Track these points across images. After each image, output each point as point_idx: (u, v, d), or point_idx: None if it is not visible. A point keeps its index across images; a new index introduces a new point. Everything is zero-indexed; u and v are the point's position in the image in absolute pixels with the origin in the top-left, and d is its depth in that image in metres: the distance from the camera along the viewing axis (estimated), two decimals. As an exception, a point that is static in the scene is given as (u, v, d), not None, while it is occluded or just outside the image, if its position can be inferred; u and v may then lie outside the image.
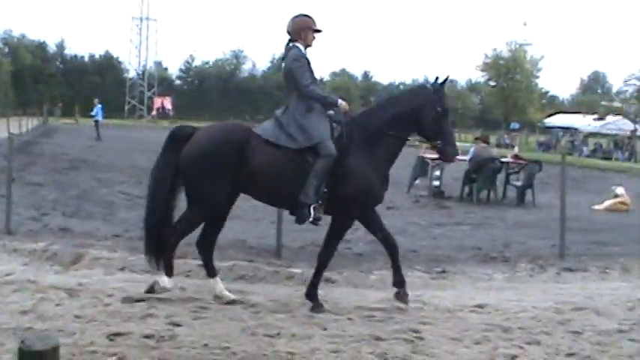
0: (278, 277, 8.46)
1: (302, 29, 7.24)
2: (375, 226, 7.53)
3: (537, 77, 64.45)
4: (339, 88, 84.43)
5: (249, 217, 12.60)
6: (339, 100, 7.23)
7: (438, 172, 17.79)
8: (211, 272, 7.37)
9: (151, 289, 7.11)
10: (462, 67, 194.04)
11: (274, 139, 6.97)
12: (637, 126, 47.19)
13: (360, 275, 8.79)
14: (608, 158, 43.86)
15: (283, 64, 7.38)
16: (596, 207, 16.47)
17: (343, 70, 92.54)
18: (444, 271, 9.01)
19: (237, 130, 7.28)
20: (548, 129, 61.83)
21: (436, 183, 17.71)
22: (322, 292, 7.72)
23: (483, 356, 5.79)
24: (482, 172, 16.75)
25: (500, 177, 17.63)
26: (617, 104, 52.53)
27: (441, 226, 12.82)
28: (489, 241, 11.22)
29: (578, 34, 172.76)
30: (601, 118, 50.12)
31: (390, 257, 7.51)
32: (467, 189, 17.26)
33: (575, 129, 55.70)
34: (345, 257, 9.57)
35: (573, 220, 13.49)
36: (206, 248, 7.40)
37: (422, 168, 18.52)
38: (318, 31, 7.35)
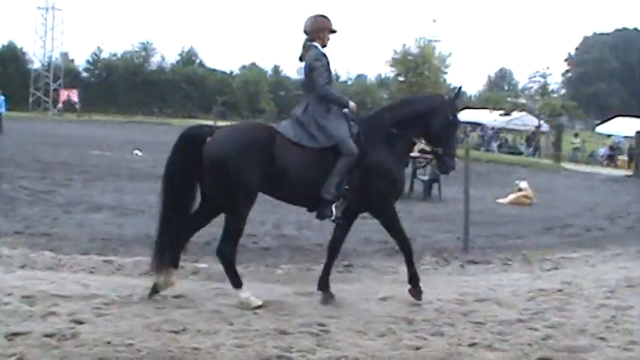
0: (184, 273, 8.37)
1: (321, 30, 7.41)
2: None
3: (445, 73, 65.63)
4: (249, 81, 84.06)
5: (155, 212, 12.39)
6: (350, 102, 7.40)
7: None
8: (174, 264, 7.26)
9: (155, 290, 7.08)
10: (372, 62, 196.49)
11: (298, 139, 7.09)
12: (541, 122, 48.60)
13: (267, 270, 8.81)
14: (517, 153, 45.07)
15: (303, 64, 7.41)
16: (501, 201, 16.98)
17: (253, 64, 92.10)
18: (349, 265, 9.12)
19: (262, 129, 7.31)
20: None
21: (345, 177, 17.83)
22: (228, 286, 7.71)
23: (387, 348, 5.90)
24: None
25: (408, 171, 17.86)
26: (522, 100, 53.93)
27: (350, 219, 12.91)
28: (396, 236, 11.39)
29: (486, 31, 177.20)
30: (507, 114, 51.38)
31: (404, 254, 7.69)
32: (375, 183, 17.41)
33: (482, 124, 57.06)
34: (251, 252, 9.58)
35: (478, 214, 13.87)
36: (180, 246, 7.32)
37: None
38: (334, 31, 7.49)
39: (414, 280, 7.56)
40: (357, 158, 7.11)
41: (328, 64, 7.35)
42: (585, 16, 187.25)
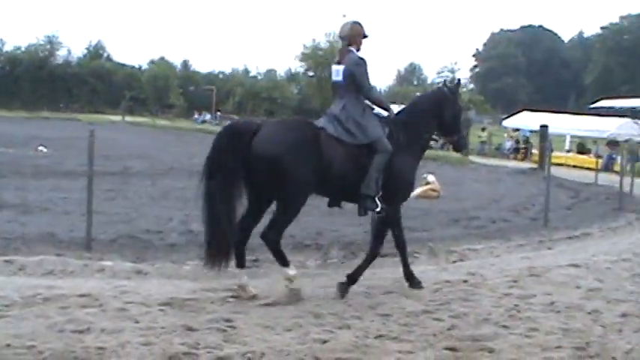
0: (88, 271, 8.25)
1: (357, 35, 7.93)
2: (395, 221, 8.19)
3: (355, 68, 66.30)
4: (158, 76, 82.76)
5: (59, 210, 12.24)
6: (390, 106, 8.09)
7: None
8: (241, 264, 7.58)
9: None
10: (282, 57, 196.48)
11: (338, 135, 7.50)
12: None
13: (173, 266, 8.74)
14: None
15: (342, 67, 7.75)
16: (408, 194, 17.25)
17: (162, 59, 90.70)
18: (257, 260, 9.12)
19: (308, 125, 7.64)
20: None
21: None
22: (133, 284, 7.63)
23: (295, 342, 5.95)
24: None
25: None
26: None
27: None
28: (303, 230, 11.38)
29: (396, 26, 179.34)
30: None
31: (400, 252, 8.29)
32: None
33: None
34: (158, 249, 9.49)
35: (386, 208, 14.08)
36: (243, 241, 7.61)
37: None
38: (367, 36, 8.01)
39: (409, 278, 8.17)
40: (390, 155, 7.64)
41: (367, 67, 7.77)
42: (492, 13, 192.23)
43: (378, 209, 7.67)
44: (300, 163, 7.13)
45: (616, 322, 7.12)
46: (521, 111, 54.21)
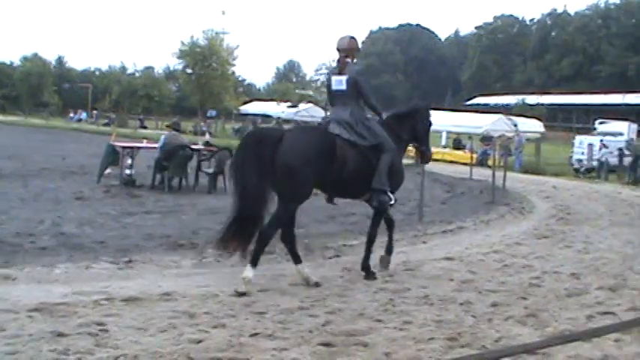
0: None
1: (354, 49, 9.01)
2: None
3: (233, 65, 66.15)
4: (31, 73, 79.93)
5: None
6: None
7: (129, 161, 17.62)
8: (297, 260, 8.41)
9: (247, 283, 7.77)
10: (160, 54, 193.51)
11: (352, 139, 8.35)
12: (328, 113, 50.25)
13: (43, 270, 8.42)
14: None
15: (345, 77, 8.65)
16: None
17: (35, 55, 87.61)
18: (130, 261, 8.95)
19: (325, 133, 8.40)
20: (244, 116, 63.84)
21: (128, 172, 17.50)
22: (1, 289, 7.34)
23: (169, 343, 5.89)
24: (173, 160, 16.83)
25: (192, 164, 17.87)
26: (310, 92, 55.34)
27: (132, 215, 12.70)
28: (179, 229, 11.34)
29: (275, 23, 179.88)
30: (294, 106, 52.61)
31: (388, 228, 9.41)
32: (159, 177, 17.25)
33: (269, 116, 58.11)
34: (27, 252, 9.15)
35: (263, 205, 14.08)
36: (291, 240, 8.44)
37: (113, 156, 18.17)
38: (359, 50, 9.30)
39: (389, 250, 9.39)
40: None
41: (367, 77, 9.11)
42: (371, 11, 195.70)
43: (392, 202, 8.71)
44: (315, 168, 7.98)
45: (487, 312, 7.41)
46: (398, 108, 55.32)
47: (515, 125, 44.38)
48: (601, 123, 55.28)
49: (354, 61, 8.96)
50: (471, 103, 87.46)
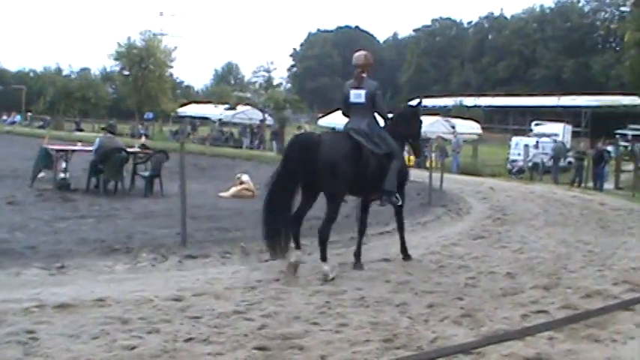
0: None
1: (369, 65, 10.12)
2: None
3: (171, 67, 65.59)
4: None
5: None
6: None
7: (63, 164, 17.32)
8: (298, 246, 9.22)
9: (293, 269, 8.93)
10: (96, 55, 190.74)
11: (371, 147, 9.46)
12: (266, 115, 50.04)
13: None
14: (240, 147, 46.02)
15: (363, 91, 9.81)
16: (222, 194, 17.29)
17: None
18: (63, 267, 8.78)
19: (352, 138, 9.42)
20: (182, 118, 63.27)
21: (62, 175, 17.21)
22: None
23: (101, 350, 5.80)
24: (108, 163, 16.60)
25: (128, 167, 17.65)
26: (248, 94, 55.08)
27: (65, 219, 12.47)
28: (113, 233, 11.17)
29: (213, 24, 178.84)
30: (232, 108, 52.32)
31: (400, 230, 10.78)
32: (94, 180, 16.99)
33: (207, 118, 57.73)
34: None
35: (199, 208, 14.03)
36: (298, 226, 9.24)
37: (46, 160, 17.84)
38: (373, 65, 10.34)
39: (404, 251, 10.59)
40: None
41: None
42: (309, 13, 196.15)
43: (400, 203, 10.16)
44: (349, 169, 9.07)
45: (423, 313, 7.47)
46: (337, 110, 55.48)
47: (453, 127, 44.94)
48: (537, 124, 56.47)
49: (369, 75, 10.07)
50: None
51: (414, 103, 11.06)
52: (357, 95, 9.84)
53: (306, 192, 9.22)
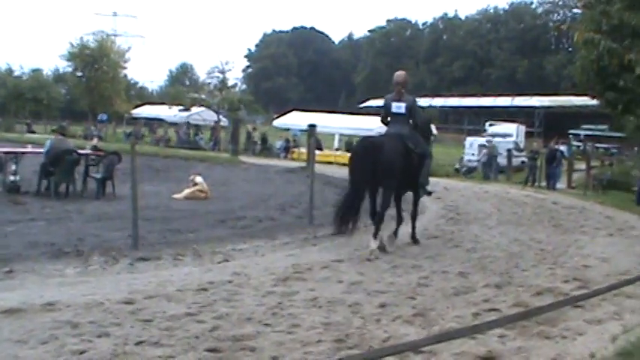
0: None
1: (406, 82, 12.31)
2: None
3: (125, 68, 64.98)
4: None
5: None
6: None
7: (13, 167, 17.08)
8: (376, 235, 11.32)
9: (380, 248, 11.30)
10: (48, 55, 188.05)
11: (411, 146, 11.65)
12: (220, 116, 49.80)
13: None
14: (196, 148, 45.70)
15: (404, 104, 11.86)
16: (176, 196, 17.20)
17: None
18: (11, 271, 8.67)
19: (404, 140, 11.61)
20: (136, 120, 62.66)
21: (12, 178, 16.96)
22: None
23: (49, 355, 5.72)
24: (60, 165, 16.41)
25: (80, 169, 17.47)
26: (202, 95, 54.65)
27: (15, 223, 12.30)
28: (64, 236, 11.05)
29: (167, 25, 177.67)
30: (187, 109, 51.90)
31: (413, 219, 12.83)
32: (45, 183, 16.78)
33: (162, 120, 57.25)
34: None
35: (152, 210, 13.96)
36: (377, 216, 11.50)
37: (-5, 162, 17.57)
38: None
39: (414, 236, 12.60)
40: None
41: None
42: (264, 14, 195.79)
43: (430, 195, 13.55)
44: (403, 166, 11.39)
45: (375, 312, 7.50)
46: (291, 111, 55.51)
47: (408, 127, 45.22)
48: (491, 125, 57.11)
49: (406, 90, 12.19)
50: (364, 105, 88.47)
51: (424, 104, 13.07)
52: (398, 107, 11.88)
53: (371, 187, 11.47)
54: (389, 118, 12.09)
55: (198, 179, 17.82)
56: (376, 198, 11.63)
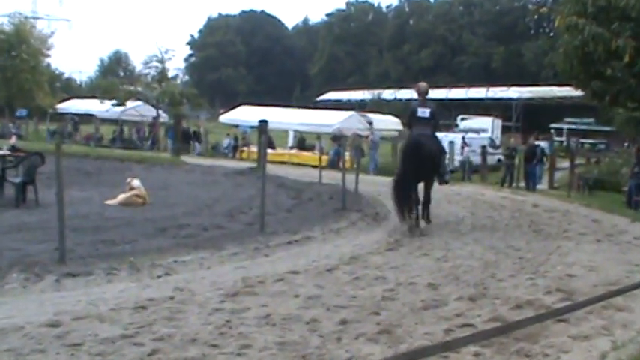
0: None
1: (428, 92, 16.17)
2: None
3: (48, 56, 64.07)
4: None
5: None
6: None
7: None
8: (418, 223, 15.59)
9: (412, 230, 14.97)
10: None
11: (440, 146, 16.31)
12: (160, 111, 49.27)
13: None
14: (133, 147, 45.28)
15: (428, 110, 15.75)
16: (110, 202, 17.02)
17: None
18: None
19: (435, 138, 16.14)
20: (62, 115, 61.90)
21: None
22: None
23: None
24: (-28, 169, 16.16)
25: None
26: (139, 88, 54.02)
27: None
28: (-23, 250, 10.87)
29: (99, 9, 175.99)
30: (120, 104, 51.32)
31: (427, 204, 16.20)
32: (-47, 189, 16.49)
33: (92, 115, 56.62)
34: None
35: (82, 219, 13.81)
36: (417, 203, 15.80)
37: None
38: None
39: (428, 216, 16.15)
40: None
41: None
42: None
43: (448, 183, 17.39)
44: (438, 160, 15.75)
45: (335, 330, 7.52)
46: (240, 105, 55.36)
47: (370, 123, 45.30)
48: (463, 119, 57.55)
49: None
50: (321, 98, 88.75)
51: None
52: (423, 112, 15.73)
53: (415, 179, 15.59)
54: (417, 122, 15.88)
55: (136, 183, 17.66)
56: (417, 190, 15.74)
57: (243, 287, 9.37)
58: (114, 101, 51.21)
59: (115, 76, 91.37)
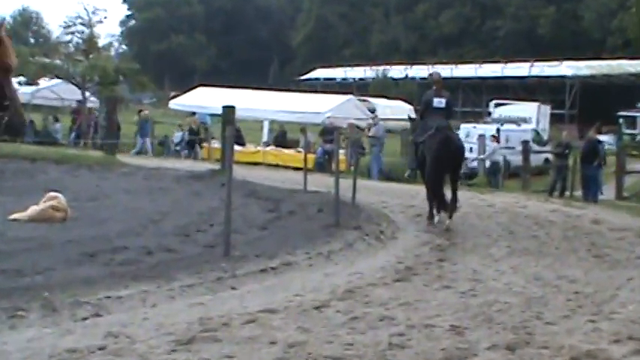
0: None
1: (441, 81, 21.30)
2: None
3: None
4: None
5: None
6: None
7: None
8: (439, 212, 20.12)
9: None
10: None
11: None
12: (87, 93, 48.55)
13: None
14: (51, 142, 45.03)
15: (444, 99, 19.63)
16: (17, 216, 16.91)
17: None
18: None
19: (456, 133, 23.55)
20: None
21: None
22: None
23: None
24: None
25: None
26: (57, 61, 53.23)
27: None
28: None
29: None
30: (31, 83, 50.49)
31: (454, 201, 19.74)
32: None
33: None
34: None
35: (-26, 240, 13.72)
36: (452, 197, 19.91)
37: None
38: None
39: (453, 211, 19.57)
40: None
41: None
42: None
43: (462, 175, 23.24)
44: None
45: (325, 391, 7.51)
46: (198, 87, 55.39)
47: (373, 110, 45.40)
48: (497, 105, 57.67)
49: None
50: (307, 77, 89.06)
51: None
52: (439, 102, 19.44)
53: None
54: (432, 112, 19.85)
55: (52, 193, 17.60)
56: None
57: (200, 332, 9.30)
58: (21, 79, 50.86)
59: (21, 43, 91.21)
